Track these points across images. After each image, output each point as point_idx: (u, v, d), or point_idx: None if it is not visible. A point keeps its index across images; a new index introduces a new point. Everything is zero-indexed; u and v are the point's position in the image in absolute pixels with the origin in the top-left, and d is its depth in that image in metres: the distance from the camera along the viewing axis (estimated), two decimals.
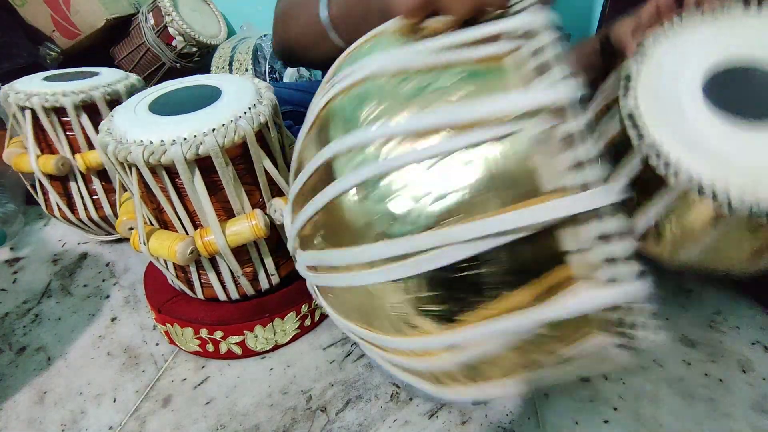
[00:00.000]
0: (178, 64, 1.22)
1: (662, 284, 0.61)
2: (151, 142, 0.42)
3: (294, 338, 0.57)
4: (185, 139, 0.43)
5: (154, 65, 1.22)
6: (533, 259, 0.22)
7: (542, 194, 0.21)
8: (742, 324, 0.57)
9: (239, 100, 0.48)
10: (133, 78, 0.67)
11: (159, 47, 1.17)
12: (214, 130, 0.44)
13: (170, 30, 1.14)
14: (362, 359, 0.55)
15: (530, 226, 0.21)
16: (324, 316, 0.61)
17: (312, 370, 0.54)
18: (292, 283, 0.57)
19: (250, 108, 0.47)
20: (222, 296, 0.54)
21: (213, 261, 0.51)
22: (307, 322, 0.58)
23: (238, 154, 0.46)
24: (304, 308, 0.57)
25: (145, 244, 0.47)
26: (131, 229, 0.50)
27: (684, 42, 0.36)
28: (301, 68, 1.28)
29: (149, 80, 1.24)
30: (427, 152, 0.23)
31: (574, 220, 0.20)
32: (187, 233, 0.48)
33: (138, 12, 1.20)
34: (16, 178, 0.81)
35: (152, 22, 1.15)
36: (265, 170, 0.48)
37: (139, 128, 0.44)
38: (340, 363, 0.54)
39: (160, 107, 0.48)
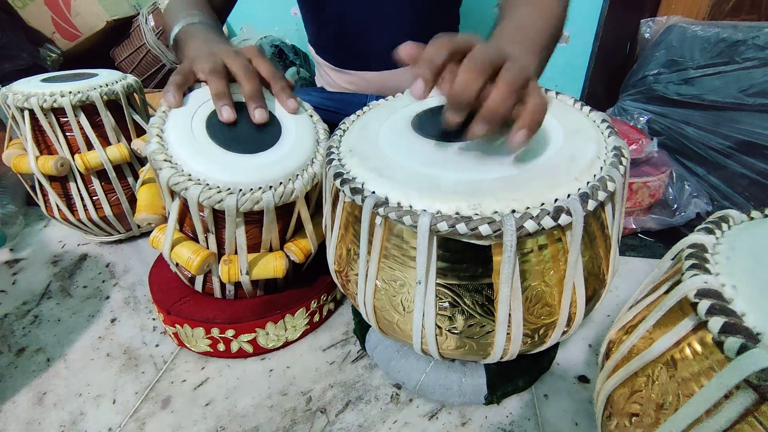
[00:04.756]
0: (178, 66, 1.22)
1: None
2: (208, 186, 0.42)
3: (303, 334, 0.58)
4: (241, 191, 0.43)
5: (154, 67, 1.22)
6: None
7: None
8: None
9: (299, 149, 0.48)
10: (131, 79, 0.68)
11: (159, 49, 1.17)
12: (271, 187, 0.44)
13: None
14: (362, 360, 0.54)
15: None
16: (330, 313, 0.61)
17: (312, 372, 0.53)
18: (300, 280, 0.58)
19: (306, 167, 0.47)
20: (218, 294, 0.55)
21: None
22: (316, 317, 0.58)
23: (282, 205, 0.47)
24: (313, 304, 0.57)
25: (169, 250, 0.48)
26: (149, 223, 0.51)
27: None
28: (301, 70, 1.28)
29: (149, 81, 1.24)
30: None
31: None
32: (207, 245, 0.49)
33: (138, 14, 1.21)
34: (16, 179, 0.81)
35: (152, 23, 1.16)
36: (299, 215, 0.50)
37: (197, 161, 0.43)
38: (339, 364, 0.54)
39: (217, 131, 0.46)
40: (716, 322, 0.21)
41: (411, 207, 0.31)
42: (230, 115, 0.46)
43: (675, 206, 0.82)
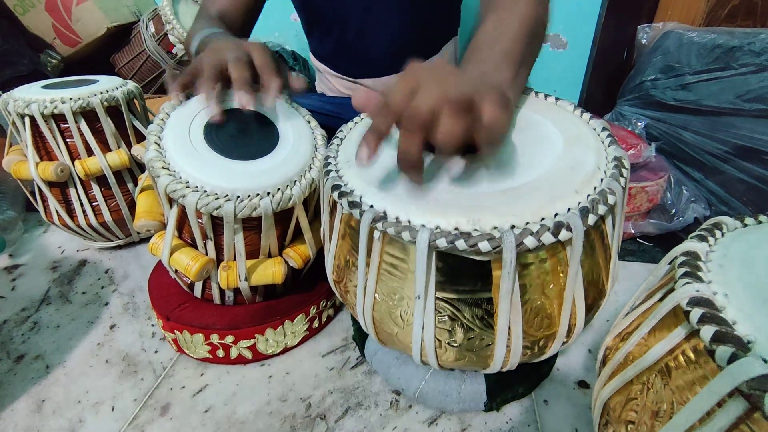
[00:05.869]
0: (178, 72, 1.23)
1: None
2: (206, 192, 0.42)
3: (303, 340, 0.57)
4: (239, 197, 0.43)
5: (154, 73, 1.22)
6: None
7: None
8: None
9: (296, 155, 0.48)
10: (131, 85, 0.68)
11: (159, 55, 1.18)
12: (269, 193, 0.44)
13: (171, 38, 1.15)
14: (361, 366, 0.54)
15: None
16: (330, 319, 0.61)
17: (311, 378, 0.53)
18: (299, 286, 0.58)
19: (304, 173, 0.47)
20: (217, 300, 0.55)
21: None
22: (315, 323, 0.58)
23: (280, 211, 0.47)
24: (313, 310, 0.57)
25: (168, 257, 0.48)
26: (149, 230, 0.51)
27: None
28: (300, 75, 1.28)
29: (150, 87, 1.24)
30: None
31: None
32: (206, 251, 0.49)
33: (139, 20, 1.21)
34: (15, 185, 0.81)
35: (153, 30, 1.16)
36: (297, 221, 0.50)
37: (195, 168, 0.43)
38: (339, 370, 0.54)
39: (215, 138, 0.47)
40: (708, 331, 0.21)
41: (409, 222, 0.31)
42: (247, 102, 0.47)
43: (673, 211, 0.82)
